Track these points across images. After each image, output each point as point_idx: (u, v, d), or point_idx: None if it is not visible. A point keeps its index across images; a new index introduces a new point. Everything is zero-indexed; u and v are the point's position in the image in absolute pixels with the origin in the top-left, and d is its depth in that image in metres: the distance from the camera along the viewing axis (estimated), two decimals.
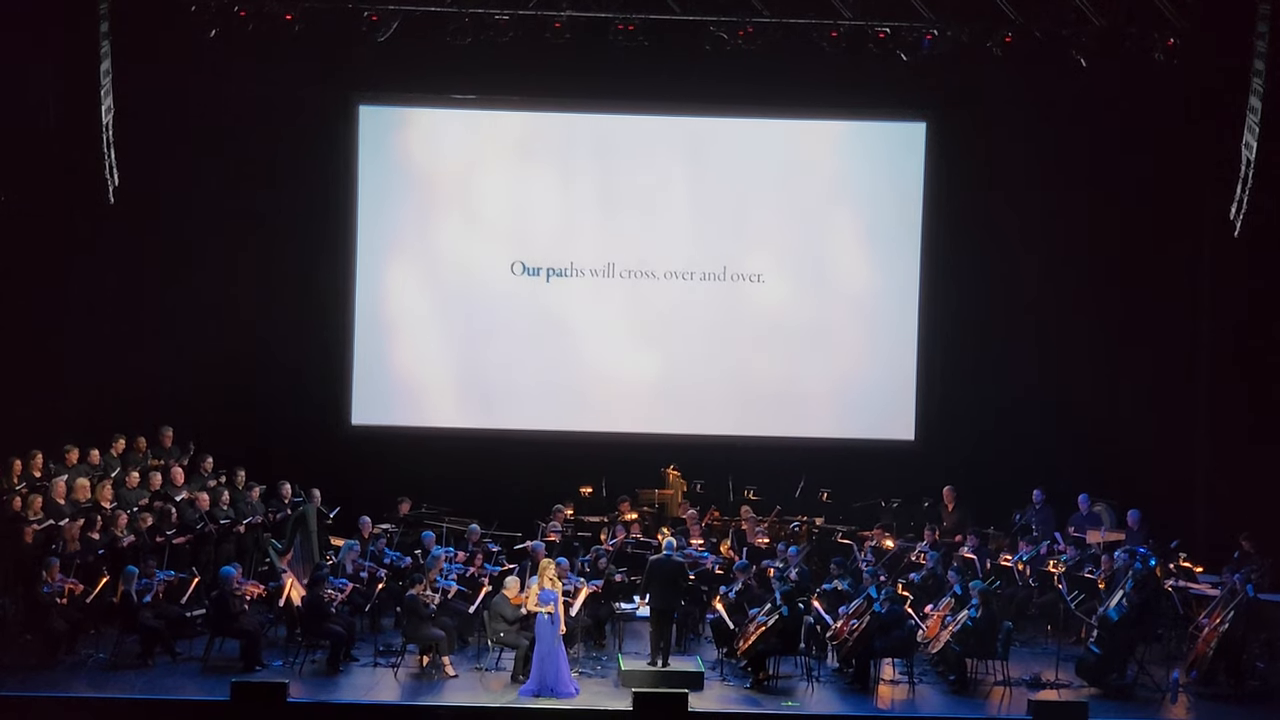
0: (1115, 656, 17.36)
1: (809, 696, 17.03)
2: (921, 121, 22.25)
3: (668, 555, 17.98)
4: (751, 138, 22.39)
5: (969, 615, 17.30)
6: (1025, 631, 19.14)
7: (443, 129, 22.33)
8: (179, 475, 19.88)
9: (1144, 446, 21.43)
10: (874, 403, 22.43)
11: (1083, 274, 22.07)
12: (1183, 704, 17.21)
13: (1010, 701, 17.02)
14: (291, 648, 17.70)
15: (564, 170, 22.30)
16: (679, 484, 22.13)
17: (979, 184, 22.02)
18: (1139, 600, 17.40)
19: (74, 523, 18.26)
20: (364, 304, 22.21)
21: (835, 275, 22.39)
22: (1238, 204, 19.63)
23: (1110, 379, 21.88)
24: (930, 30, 20.19)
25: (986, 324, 22.15)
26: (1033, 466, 21.18)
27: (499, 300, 22.23)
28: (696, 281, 22.26)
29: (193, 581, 18.08)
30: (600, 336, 22.31)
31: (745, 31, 20.19)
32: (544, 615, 16.69)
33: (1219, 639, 17.47)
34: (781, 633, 17.19)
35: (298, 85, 21.33)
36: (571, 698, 16.57)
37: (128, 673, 17.09)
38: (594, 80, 21.60)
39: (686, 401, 22.29)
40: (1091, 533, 20.12)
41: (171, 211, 21.41)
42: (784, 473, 21.75)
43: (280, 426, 21.54)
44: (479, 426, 22.25)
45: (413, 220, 22.24)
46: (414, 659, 17.61)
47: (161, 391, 21.16)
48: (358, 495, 20.44)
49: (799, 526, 21.01)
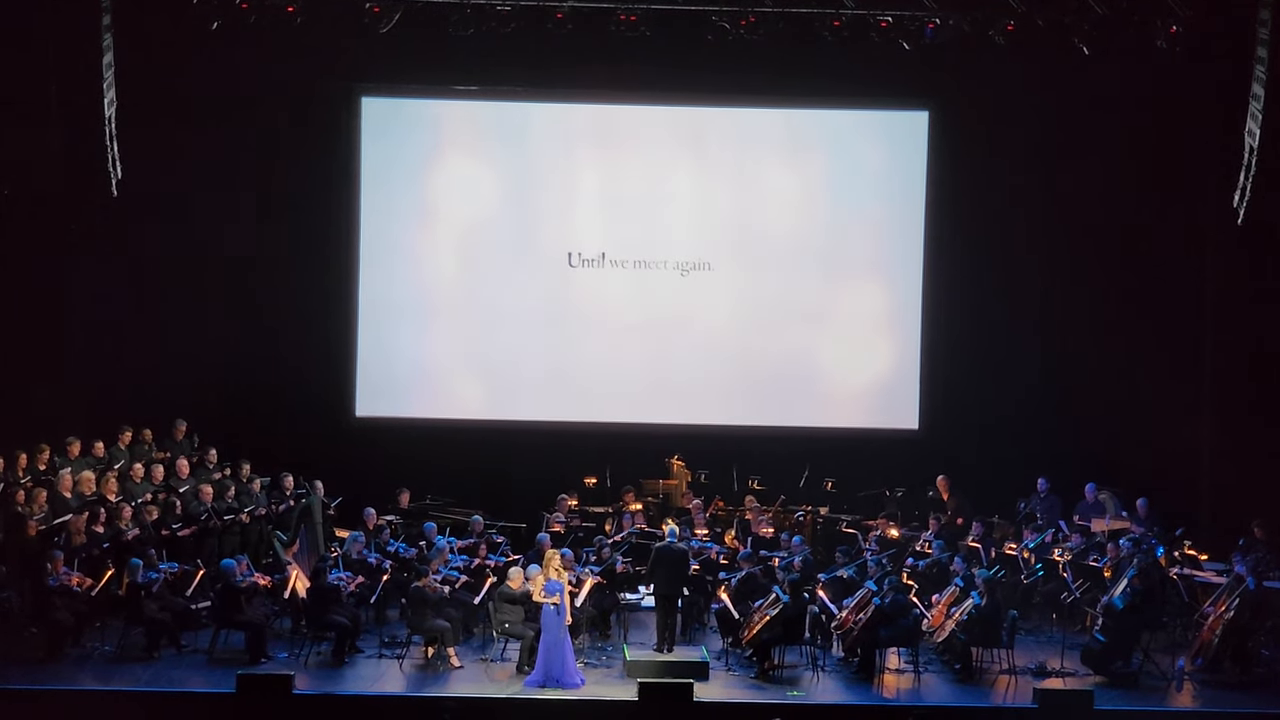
0: (1120, 644, 17.36)
1: (814, 685, 17.05)
2: (924, 110, 22.24)
3: (671, 542, 18.02)
4: (754, 127, 22.37)
5: (974, 604, 17.31)
6: (1030, 620, 19.17)
7: (445, 120, 22.32)
8: (184, 468, 19.88)
9: (1148, 434, 21.40)
10: (878, 392, 22.45)
11: (1086, 262, 22.05)
12: (1188, 691, 17.22)
13: (1016, 690, 17.04)
14: (297, 640, 17.73)
15: (566, 161, 22.29)
16: (683, 474, 22.14)
17: (982, 172, 22.01)
18: (1142, 588, 17.40)
19: (79, 515, 18.28)
20: (367, 296, 22.21)
21: (839, 264, 22.38)
22: (1241, 191, 19.62)
23: (1114, 366, 21.84)
24: (933, 19, 20.16)
25: (990, 313, 22.15)
26: (1037, 455, 21.18)
27: (502, 291, 22.22)
28: (700, 271, 22.26)
29: (197, 574, 18.09)
30: (604, 326, 22.31)
31: (747, 21, 20.16)
32: (549, 606, 16.70)
33: (1224, 627, 17.48)
34: (786, 622, 17.21)
35: (300, 77, 21.34)
36: (577, 688, 16.58)
37: (133, 665, 17.11)
38: (596, 71, 21.58)
39: (690, 392, 22.30)
40: (1096, 521, 20.13)
41: (174, 203, 21.38)
42: (788, 462, 21.75)
43: (284, 418, 21.56)
44: (483, 417, 22.26)
45: (415, 211, 22.23)
46: (419, 650, 17.63)
47: (165, 384, 21.14)
48: (362, 487, 20.46)
49: (803, 516, 21.03)
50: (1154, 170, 21.58)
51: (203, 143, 21.33)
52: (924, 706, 16.59)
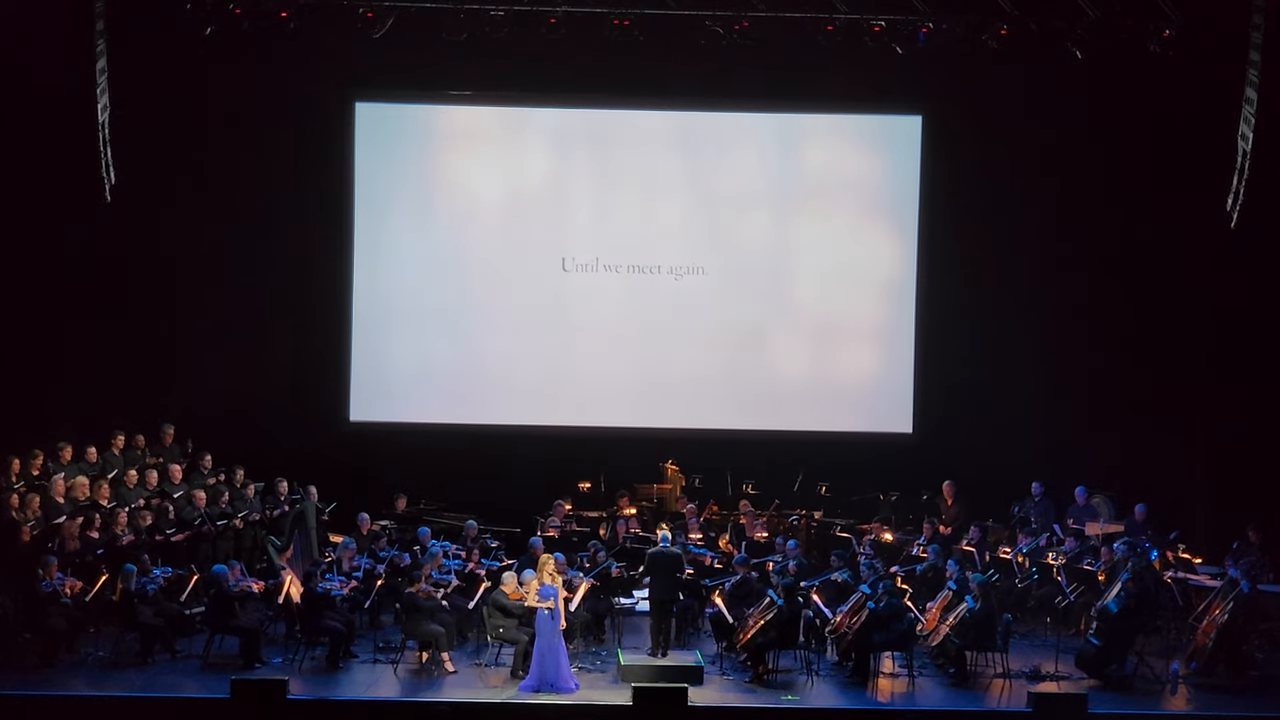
0: (1115, 648, 17.36)
1: (808, 690, 17.04)
2: (918, 115, 22.27)
3: (664, 547, 18.02)
4: (748, 131, 22.39)
5: (968, 608, 17.31)
6: (1025, 624, 19.17)
7: (438, 125, 22.33)
8: (177, 473, 19.89)
9: (1143, 438, 21.42)
10: (872, 396, 22.45)
11: (1080, 265, 22.05)
12: (1182, 695, 17.21)
13: (1010, 694, 17.02)
14: (291, 645, 17.70)
15: (560, 165, 22.30)
16: (677, 479, 22.17)
17: (975, 176, 22.04)
18: (1136, 591, 17.40)
19: (73, 521, 18.27)
20: (361, 300, 22.21)
21: (832, 269, 22.37)
22: (1234, 194, 19.64)
23: (1108, 370, 21.85)
24: (926, 23, 20.19)
25: (984, 316, 22.15)
26: (1030, 459, 21.18)
27: (496, 295, 22.24)
28: (693, 275, 22.27)
29: (191, 579, 18.08)
30: (598, 331, 22.31)
31: (741, 25, 20.17)
32: (544, 611, 16.69)
33: (1218, 630, 17.48)
34: (781, 626, 17.20)
35: (294, 83, 21.34)
36: (571, 693, 16.56)
37: (128, 671, 17.09)
38: (589, 75, 21.58)
39: (684, 396, 22.29)
40: (1090, 524, 20.15)
41: (168, 209, 21.38)
42: (782, 467, 21.78)
43: (279, 423, 21.53)
44: (477, 422, 22.23)
45: (409, 216, 22.24)
46: (413, 655, 17.62)
47: (160, 389, 21.17)
48: (357, 492, 20.46)
49: (797, 520, 21.03)
50: (1147, 174, 21.58)
51: (196, 148, 21.33)
52: (918, 711, 16.58)
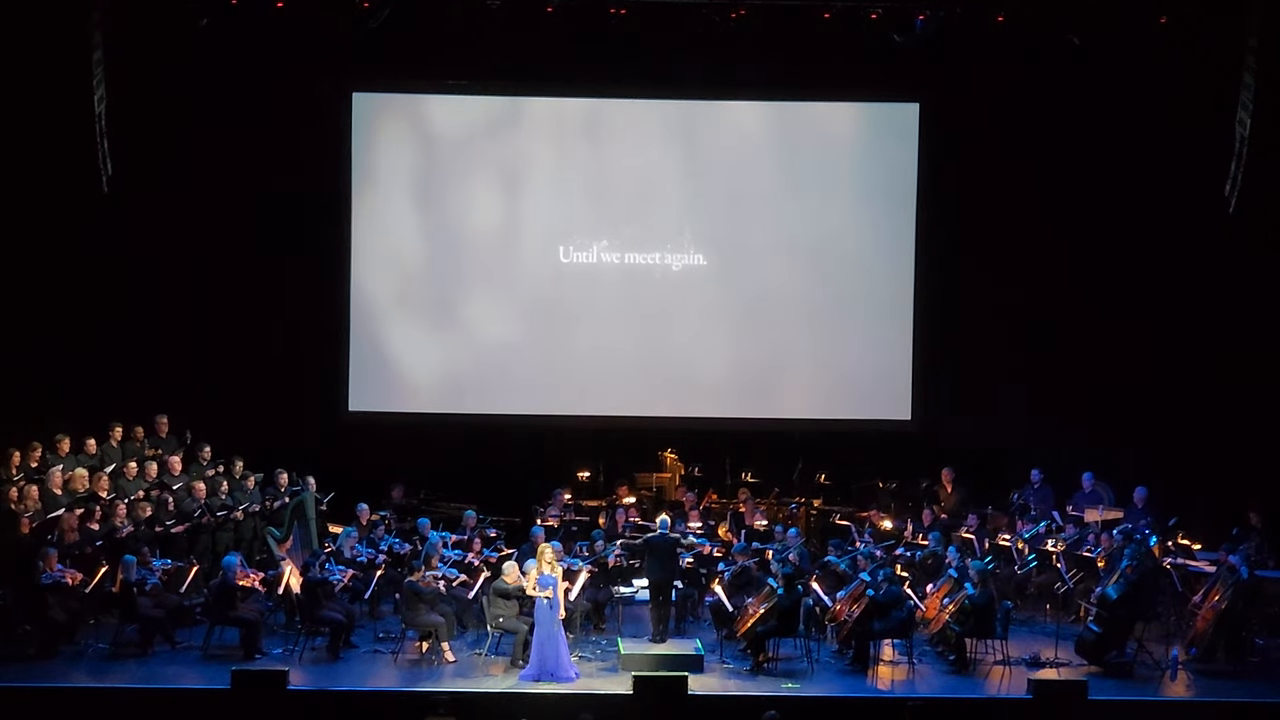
0: (1115, 634, 17.38)
1: (809, 678, 17.06)
2: (915, 102, 22.21)
3: (663, 532, 18.04)
4: (745, 120, 22.33)
5: (967, 595, 17.32)
6: (1024, 610, 19.19)
7: (436, 115, 22.28)
8: (176, 464, 19.89)
9: (1143, 424, 21.41)
10: (870, 384, 22.41)
11: (1078, 252, 22.03)
12: (1182, 681, 17.23)
13: (1010, 680, 17.04)
14: (291, 635, 17.71)
15: (557, 155, 22.26)
16: (676, 467, 22.18)
17: (973, 164, 22.00)
18: (1136, 578, 17.42)
19: (72, 513, 18.27)
20: (359, 290, 22.18)
21: (831, 256, 22.35)
22: (1232, 181, 19.63)
23: (1108, 357, 21.83)
24: (923, 11, 20.17)
25: (981, 303, 22.13)
26: (1029, 446, 21.18)
27: (495, 284, 22.21)
28: (692, 264, 22.25)
29: (191, 570, 18.10)
30: (596, 320, 22.28)
31: (738, 14, 20.17)
32: (543, 600, 16.70)
33: (1218, 616, 17.51)
34: (781, 614, 17.21)
35: (291, 73, 21.28)
36: (571, 682, 16.58)
37: (128, 662, 17.10)
38: (587, 65, 21.55)
39: (683, 385, 22.28)
40: (1090, 511, 20.14)
41: (165, 200, 21.36)
42: (781, 455, 21.78)
43: (277, 414, 21.50)
44: (476, 412, 22.22)
45: (407, 206, 22.19)
46: (413, 645, 17.63)
47: (158, 380, 21.17)
48: (356, 482, 20.46)
49: (797, 508, 21.04)
50: (1144, 160, 21.54)
51: (193, 139, 21.31)
52: (918, 698, 16.55)
